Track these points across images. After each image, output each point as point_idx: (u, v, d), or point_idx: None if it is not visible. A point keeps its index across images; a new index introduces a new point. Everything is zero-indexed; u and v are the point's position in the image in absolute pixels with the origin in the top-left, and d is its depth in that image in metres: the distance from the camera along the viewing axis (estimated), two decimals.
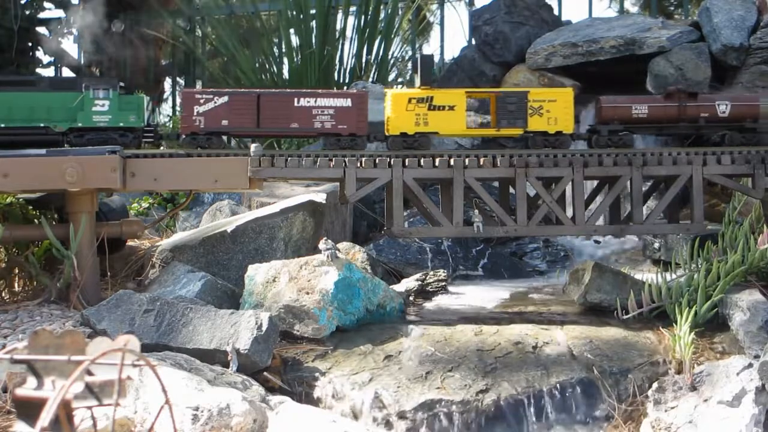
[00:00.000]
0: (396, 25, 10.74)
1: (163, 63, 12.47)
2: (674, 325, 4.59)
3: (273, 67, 10.51)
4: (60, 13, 11.64)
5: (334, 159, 5.20)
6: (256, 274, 5.05)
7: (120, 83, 5.52)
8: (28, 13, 10.57)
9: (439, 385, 4.14)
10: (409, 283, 5.68)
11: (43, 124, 5.41)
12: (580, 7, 23.59)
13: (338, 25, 10.28)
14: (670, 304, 4.80)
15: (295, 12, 10.05)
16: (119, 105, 5.41)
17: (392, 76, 10.93)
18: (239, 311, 4.52)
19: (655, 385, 4.24)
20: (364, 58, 10.18)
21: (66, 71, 11.91)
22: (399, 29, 11.07)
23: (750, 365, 4.17)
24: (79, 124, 5.39)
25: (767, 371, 4.04)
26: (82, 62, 11.82)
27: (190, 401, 3.52)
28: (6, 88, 5.47)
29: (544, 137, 5.43)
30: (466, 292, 5.87)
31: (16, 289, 5.78)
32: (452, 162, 5.18)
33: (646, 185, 5.71)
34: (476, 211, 5.31)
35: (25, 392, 2.14)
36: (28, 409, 2.09)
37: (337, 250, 5.04)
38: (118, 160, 5.08)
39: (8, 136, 5.40)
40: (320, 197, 6.19)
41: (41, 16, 11.45)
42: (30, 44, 10.89)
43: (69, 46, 17.45)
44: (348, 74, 10.17)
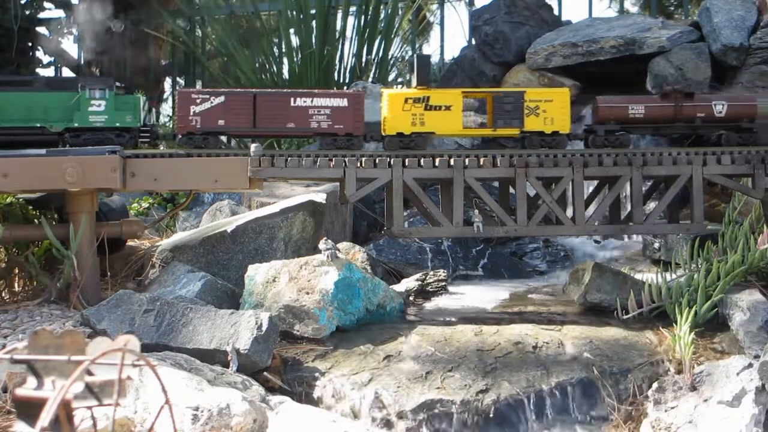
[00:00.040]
0: (396, 25, 10.74)
1: (163, 63, 12.47)
2: (674, 325, 4.59)
3: (273, 67, 10.51)
4: (60, 13, 11.65)
5: (334, 159, 5.20)
6: (256, 274, 5.05)
7: (116, 83, 5.51)
8: (28, 13, 10.57)
9: (439, 385, 4.14)
10: (409, 283, 5.68)
11: (39, 124, 5.40)
12: (580, 7, 23.61)
13: (338, 25, 10.29)
14: (670, 304, 4.80)
15: (295, 12, 10.06)
16: (115, 105, 5.40)
17: (392, 76, 10.93)
18: (239, 311, 4.52)
19: (655, 385, 4.24)
20: (364, 58, 10.18)
21: (66, 71, 11.91)
22: (399, 29, 11.07)
23: (750, 365, 4.17)
24: (76, 124, 5.38)
25: (767, 371, 4.04)
26: (82, 62, 11.82)
27: (190, 401, 3.52)
28: (2, 88, 5.46)
29: (540, 137, 5.43)
30: (466, 292, 5.87)
31: (16, 289, 5.78)
32: (452, 162, 5.19)
33: (646, 185, 5.71)
34: (476, 211, 5.31)
35: (25, 392, 2.14)
36: (28, 409, 2.09)
37: (337, 250, 5.04)
38: (118, 160, 5.08)
39: (4, 137, 5.39)
40: (320, 197, 6.19)
41: (41, 16, 11.45)
42: (30, 44, 10.88)
43: (69, 46, 17.47)
44: (348, 74, 10.17)
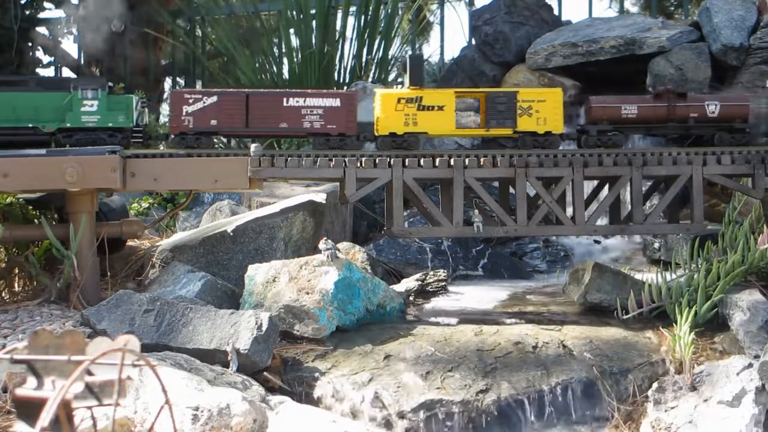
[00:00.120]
0: (396, 25, 10.74)
1: (163, 63, 12.47)
2: (674, 325, 4.59)
3: (273, 67, 10.51)
4: (60, 13, 11.64)
5: (334, 159, 5.20)
6: (256, 274, 5.05)
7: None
8: (28, 13, 10.56)
9: (439, 385, 4.14)
10: (409, 283, 5.68)
11: (31, 125, 5.38)
12: (580, 7, 23.59)
13: (338, 25, 10.28)
14: (670, 304, 4.80)
15: (295, 12, 10.05)
16: (108, 105, 5.39)
17: (392, 76, 10.93)
18: (239, 311, 4.52)
19: (655, 385, 4.24)
20: (364, 58, 10.17)
21: (66, 71, 11.91)
22: (399, 29, 11.07)
23: (750, 365, 4.17)
24: (68, 125, 5.37)
25: (767, 371, 4.04)
26: (81, 62, 11.82)
27: (190, 401, 3.52)
28: None
29: (533, 137, 5.43)
30: (466, 292, 5.87)
31: (16, 289, 5.78)
32: (452, 162, 5.19)
33: (646, 185, 5.71)
34: (476, 211, 5.31)
35: (25, 392, 2.14)
36: (28, 409, 2.09)
37: (337, 250, 5.04)
38: (118, 160, 5.08)
39: None
40: (320, 197, 6.19)
41: (41, 16, 11.45)
42: (30, 44, 10.88)
43: (69, 46, 17.46)
44: (348, 74, 10.17)
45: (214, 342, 4.32)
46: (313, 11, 9.99)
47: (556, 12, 9.45)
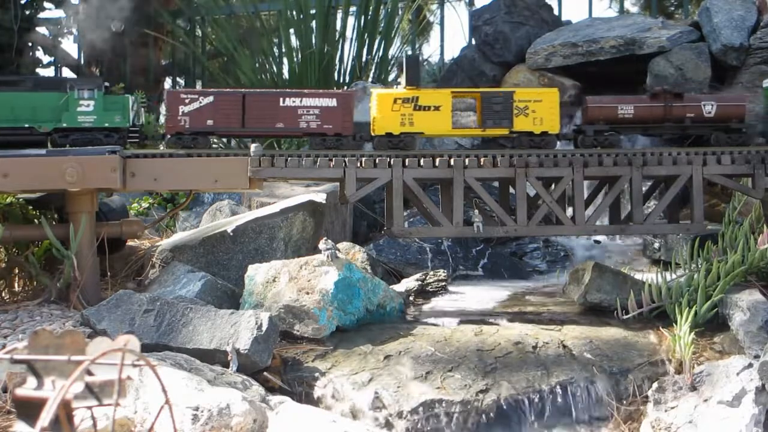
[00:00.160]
0: (396, 25, 10.74)
1: (163, 63, 12.47)
2: (674, 325, 4.59)
3: (273, 67, 10.51)
4: (60, 13, 11.63)
5: (334, 159, 5.20)
6: (256, 274, 5.05)
7: (105, 83, 5.50)
8: (28, 13, 10.55)
9: (439, 385, 4.14)
10: (409, 283, 5.68)
11: (27, 125, 5.38)
12: (580, 7, 23.59)
13: (338, 25, 10.29)
14: (670, 304, 4.80)
15: (295, 12, 10.05)
16: (104, 105, 5.39)
17: (392, 76, 10.93)
18: (239, 311, 4.52)
19: (655, 385, 4.24)
20: (364, 58, 10.18)
21: (66, 71, 11.91)
22: (399, 29, 11.07)
23: (750, 365, 4.17)
24: (64, 125, 5.36)
25: (767, 371, 4.04)
26: (82, 62, 11.82)
27: (190, 401, 3.52)
28: None
29: (529, 137, 5.43)
30: (466, 292, 5.87)
31: (16, 289, 5.79)
32: (452, 162, 5.19)
33: (646, 185, 5.71)
34: (476, 211, 5.31)
35: (25, 392, 2.14)
36: (28, 409, 2.09)
37: (337, 250, 5.04)
38: (118, 160, 5.08)
39: None
40: (320, 197, 6.19)
41: (41, 16, 11.44)
42: (30, 44, 10.87)
43: (69, 45, 17.47)
44: (348, 74, 10.17)
45: (214, 342, 4.32)
46: (313, 11, 10.00)
47: (556, 12, 9.45)
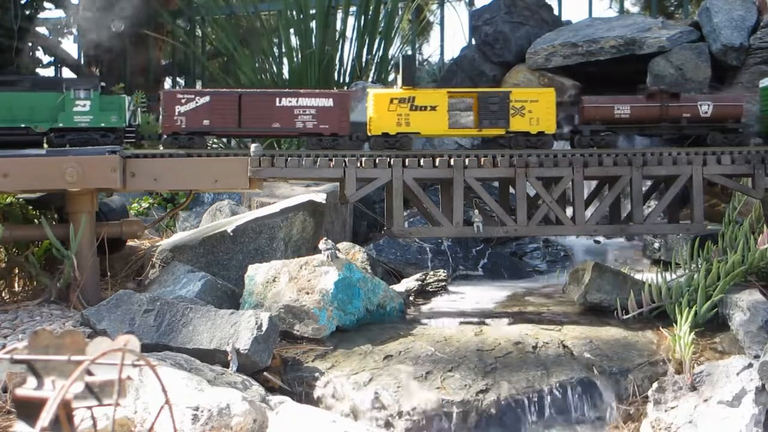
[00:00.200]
0: (396, 25, 10.74)
1: (163, 63, 12.48)
2: (674, 325, 4.59)
3: (273, 67, 10.51)
4: (60, 13, 11.64)
5: (334, 159, 5.20)
6: (256, 274, 5.05)
7: (102, 83, 5.49)
8: (28, 13, 10.56)
9: (439, 385, 4.14)
10: (409, 283, 5.68)
11: (24, 125, 5.37)
12: (580, 7, 23.59)
13: (338, 26, 10.29)
14: (670, 304, 4.80)
15: (295, 12, 10.05)
16: (100, 105, 5.38)
17: (392, 76, 10.93)
18: (239, 311, 4.52)
19: (655, 385, 4.24)
20: (364, 58, 10.18)
21: (66, 71, 11.91)
22: (399, 29, 11.07)
23: (750, 365, 4.17)
24: (61, 125, 5.36)
25: (767, 371, 4.04)
26: (81, 62, 11.82)
27: (190, 401, 3.52)
28: None
29: (526, 137, 5.43)
30: (466, 292, 5.87)
31: (16, 289, 5.78)
32: (452, 162, 5.19)
33: (646, 185, 5.71)
34: (476, 211, 5.31)
35: (25, 392, 2.14)
36: (28, 409, 2.09)
37: (337, 250, 5.04)
38: (118, 160, 5.07)
39: None
40: (320, 197, 6.19)
41: (41, 16, 11.44)
42: (30, 44, 10.88)
43: (69, 46, 17.46)
44: (348, 74, 10.17)
45: (214, 342, 4.32)
46: (313, 11, 10.00)
47: (556, 12, 9.45)
